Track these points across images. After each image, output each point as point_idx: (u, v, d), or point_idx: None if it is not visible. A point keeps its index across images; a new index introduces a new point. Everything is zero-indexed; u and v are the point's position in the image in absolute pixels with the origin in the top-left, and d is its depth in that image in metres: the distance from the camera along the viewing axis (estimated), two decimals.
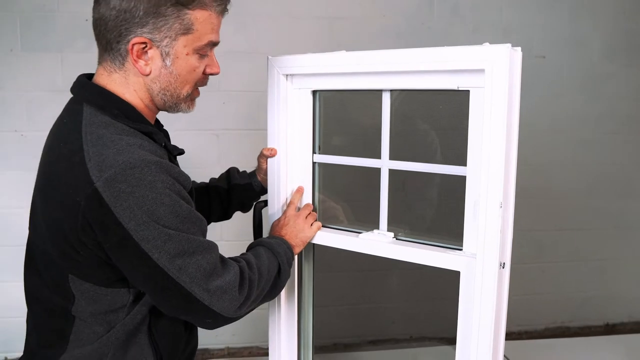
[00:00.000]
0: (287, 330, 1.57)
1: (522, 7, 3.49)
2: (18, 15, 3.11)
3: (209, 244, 1.16)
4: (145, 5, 1.13)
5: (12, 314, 3.31)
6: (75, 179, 1.09)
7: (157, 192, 1.08)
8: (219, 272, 1.15)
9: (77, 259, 1.14)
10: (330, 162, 1.51)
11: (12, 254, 3.24)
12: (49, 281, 1.20)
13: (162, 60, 1.18)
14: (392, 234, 1.40)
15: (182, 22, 1.16)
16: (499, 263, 1.17)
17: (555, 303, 3.78)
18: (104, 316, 1.19)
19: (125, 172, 1.06)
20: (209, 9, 1.19)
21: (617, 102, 3.64)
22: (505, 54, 1.10)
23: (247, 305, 1.22)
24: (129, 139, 1.13)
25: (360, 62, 1.32)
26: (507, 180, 1.16)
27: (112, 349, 1.19)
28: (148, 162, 1.08)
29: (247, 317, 3.62)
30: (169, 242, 1.09)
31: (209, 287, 1.13)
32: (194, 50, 1.20)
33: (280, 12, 3.28)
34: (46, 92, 3.19)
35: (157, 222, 1.07)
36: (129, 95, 1.21)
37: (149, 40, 1.15)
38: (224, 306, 1.15)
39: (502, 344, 1.24)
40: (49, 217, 1.16)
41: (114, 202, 1.05)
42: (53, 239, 1.15)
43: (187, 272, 1.11)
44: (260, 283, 1.26)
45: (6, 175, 3.22)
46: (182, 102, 1.25)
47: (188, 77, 1.22)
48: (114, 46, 1.17)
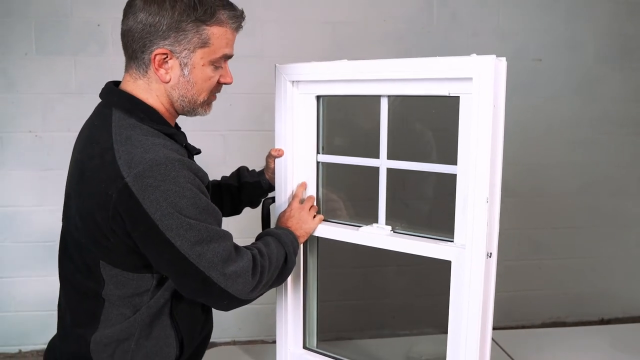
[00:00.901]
0: (293, 317, 1.68)
1: (519, 12, 3.57)
2: (33, 21, 3.21)
3: (224, 233, 1.28)
4: (168, 21, 1.25)
5: (27, 308, 3.43)
6: (107, 174, 1.20)
7: (180, 186, 1.19)
8: (233, 258, 1.27)
9: (107, 247, 1.25)
10: (333, 161, 1.61)
11: (28, 250, 3.37)
12: (81, 267, 1.31)
13: (180, 70, 1.30)
14: (390, 227, 1.51)
15: (200, 37, 1.28)
16: (486, 253, 1.28)
17: (551, 299, 3.86)
18: (130, 299, 1.30)
19: (152, 168, 1.18)
20: (225, 26, 1.31)
21: (611, 104, 3.71)
22: (491, 64, 1.21)
23: (258, 289, 1.33)
24: (154, 140, 1.24)
25: (361, 70, 1.43)
26: (493, 178, 1.27)
27: (138, 329, 1.30)
28: (172, 159, 1.20)
29: (253, 312, 3.75)
30: (190, 231, 1.20)
31: (225, 271, 1.24)
32: (209, 62, 1.32)
33: (285, 18, 3.37)
34: (60, 95, 3.29)
35: (179, 212, 1.19)
36: (152, 100, 1.32)
37: (169, 51, 1.27)
38: (238, 289, 1.26)
39: (490, 327, 1.36)
40: (83, 208, 1.27)
41: (142, 195, 1.17)
42: (86, 228, 1.26)
43: (205, 258, 1.22)
44: (270, 269, 1.37)
45: (21, 174, 3.32)
46: (199, 107, 1.37)
47: (204, 85, 1.34)
48: (138, 55, 1.30)
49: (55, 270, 3.38)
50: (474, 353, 1.33)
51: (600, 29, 3.65)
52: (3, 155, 3.29)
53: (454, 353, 1.38)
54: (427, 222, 1.53)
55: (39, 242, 3.38)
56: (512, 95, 3.51)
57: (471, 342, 1.33)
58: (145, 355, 1.32)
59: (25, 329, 3.46)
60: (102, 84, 3.39)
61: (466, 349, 1.34)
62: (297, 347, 1.69)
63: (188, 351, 1.40)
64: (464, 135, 1.31)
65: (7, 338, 3.45)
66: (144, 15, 1.26)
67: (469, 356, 1.33)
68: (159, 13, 1.25)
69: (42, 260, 3.40)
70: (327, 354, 1.66)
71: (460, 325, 1.35)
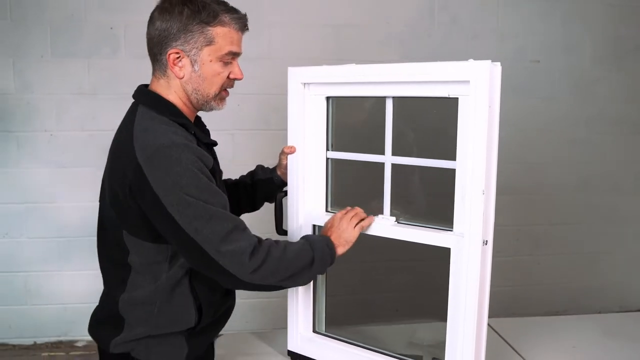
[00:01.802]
0: (304, 303, 1.79)
1: (517, 15, 3.65)
2: (48, 25, 3.30)
3: (226, 215, 1.40)
4: (177, 25, 1.44)
5: (41, 302, 3.52)
6: (127, 157, 1.39)
7: (182, 167, 1.35)
8: (233, 238, 1.37)
9: (128, 219, 1.43)
10: (342, 157, 1.72)
11: (42, 245, 3.47)
12: (112, 238, 1.50)
13: (191, 66, 1.47)
14: (394, 218, 1.62)
15: (206, 37, 1.45)
16: (483, 240, 1.40)
17: (549, 293, 3.93)
18: (151, 267, 1.47)
19: (159, 151, 1.36)
20: (228, 26, 1.47)
21: (607, 104, 3.80)
22: (486, 68, 1.33)
23: (261, 274, 1.40)
24: (167, 127, 1.42)
25: (367, 73, 1.55)
26: (489, 171, 1.39)
27: (160, 295, 1.47)
28: (177, 143, 1.37)
29: (259, 305, 3.85)
30: (188, 208, 1.34)
31: (220, 249, 1.36)
32: (216, 58, 1.48)
33: (291, 21, 3.46)
34: (74, 95, 3.38)
35: (180, 190, 1.34)
36: (171, 96, 1.51)
37: (181, 50, 1.45)
38: (235, 269, 1.38)
39: (486, 309, 1.47)
40: (111, 188, 1.46)
41: (150, 173, 1.34)
42: (113, 204, 1.46)
43: (202, 234, 1.35)
44: (282, 261, 1.44)
45: (36, 172, 3.41)
46: (211, 101, 1.53)
47: (213, 79, 1.50)
48: (158, 58, 1.49)
49: (67, 265, 3.51)
50: (471, 333, 1.44)
51: (595, 32, 3.74)
52: (19, 153, 3.38)
53: (453, 334, 1.49)
54: (428, 213, 1.64)
55: (54, 238, 3.47)
56: (511, 96, 3.64)
57: (469, 322, 1.44)
58: (167, 319, 1.49)
59: (40, 322, 3.54)
60: (114, 85, 3.51)
61: (464, 330, 1.45)
62: (307, 331, 1.80)
63: (207, 320, 1.54)
64: (462, 133, 1.42)
65: (22, 330, 3.53)
66: (159, 23, 1.46)
67: (467, 336, 1.45)
68: (170, 19, 1.44)
69: (56, 256, 3.49)
70: (335, 337, 1.77)
71: (458, 307, 1.46)
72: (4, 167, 3.40)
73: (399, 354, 1.67)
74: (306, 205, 1.75)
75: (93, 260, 3.65)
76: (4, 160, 3.39)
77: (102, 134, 3.38)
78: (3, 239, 3.45)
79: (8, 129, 3.36)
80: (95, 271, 1.65)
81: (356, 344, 1.73)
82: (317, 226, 1.75)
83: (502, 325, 2.09)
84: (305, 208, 1.75)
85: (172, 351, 1.52)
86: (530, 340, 1.98)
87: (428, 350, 1.74)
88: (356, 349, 1.72)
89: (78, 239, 3.48)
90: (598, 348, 1.94)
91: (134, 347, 1.50)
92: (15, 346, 3.54)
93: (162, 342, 1.51)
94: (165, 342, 1.51)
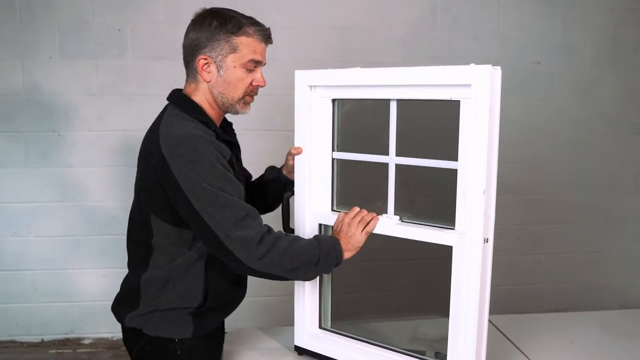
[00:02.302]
0: (310, 300, 1.83)
1: (518, 17, 3.70)
2: (57, 26, 3.35)
3: (239, 203, 1.51)
4: (206, 34, 1.60)
5: (48, 300, 3.57)
6: (154, 147, 1.54)
7: (199, 156, 1.48)
8: (244, 226, 1.48)
9: (155, 203, 1.59)
10: (347, 158, 1.77)
11: (50, 244, 3.52)
12: (139, 222, 1.66)
13: (217, 71, 1.62)
14: (398, 217, 1.67)
15: (231, 45, 1.60)
16: (483, 238, 1.45)
17: (550, 292, 3.97)
18: (172, 248, 1.61)
19: (180, 141, 1.50)
20: (252, 37, 1.62)
21: (605, 105, 3.84)
22: (487, 72, 1.38)
23: (266, 262, 1.49)
24: (189, 123, 1.57)
25: (372, 77, 1.60)
26: (490, 172, 1.44)
27: (175, 273, 1.62)
28: (196, 135, 1.52)
29: (265, 303, 3.88)
30: (204, 194, 1.47)
31: (230, 234, 1.47)
32: (240, 65, 1.62)
33: (296, 23, 3.51)
34: (81, 96, 3.43)
35: (198, 176, 1.47)
36: (198, 97, 1.66)
37: (208, 57, 1.61)
38: (242, 255, 1.47)
39: (487, 305, 1.52)
40: (141, 174, 1.63)
41: (171, 161, 1.49)
42: (142, 188, 1.63)
43: (215, 219, 1.46)
44: (287, 254, 1.51)
45: (44, 171, 3.46)
46: (236, 104, 1.67)
47: (237, 84, 1.63)
48: (190, 65, 1.66)
49: (75, 264, 3.56)
50: (473, 328, 1.49)
51: (595, 34, 3.78)
52: (27, 153, 3.44)
53: (455, 328, 1.54)
54: (431, 212, 1.68)
55: (61, 237, 3.53)
56: (512, 97, 3.70)
57: (471, 317, 1.49)
58: (176, 294, 1.63)
59: (47, 320, 3.59)
60: (121, 86, 3.57)
61: (466, 324, 1.50)
62: (313, 326, 1.85)
63: (211, 303, 1.66)
64: (464, 134, 1.47)
65: (30, 328, 3.58)
66: (192, 34, 1.63)
67: (469, 331, 1.50)
68: (201, 30, 1.61)
69: (63, 254, 3.55)
70: (341, 332, 1.82)
71: (460, 303, 1.51)
72: (13, 166, 3.45)
73: (402, 349, 1.72)
74: (312, 205, 1.80)
75: (100, 258, 3.72)
76: (13, 159, 3.44)
77: (110, 134, 3.45)
78: (11, 238, 3.50)
79: (17, 129, 3.42)
80: (102, 270, 1.74)
81: (361, 339, 1.78)
82: (323, 225, 1.80)
83: (502, 321, 2.14)
84: (311, 207, 1.79)
85: (179, 328, 1.64)
86: (530, 336, 2.02)
87: (431, 345, 1.77)
88: (361, 344, 1.77)
89: (85, 237, 3.53)
90: (596, 344, 1.99)
91: (145, 322, 1.65)
92: (23, 343, 3.59)
93: (169, 319, 1.64)
94: (172, 319, 1.64)
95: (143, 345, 1.67)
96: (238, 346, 1.96)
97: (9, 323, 3.57)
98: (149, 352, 1.68)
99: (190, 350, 1.67)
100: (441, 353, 1.64)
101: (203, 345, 1.70)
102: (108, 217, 3.53)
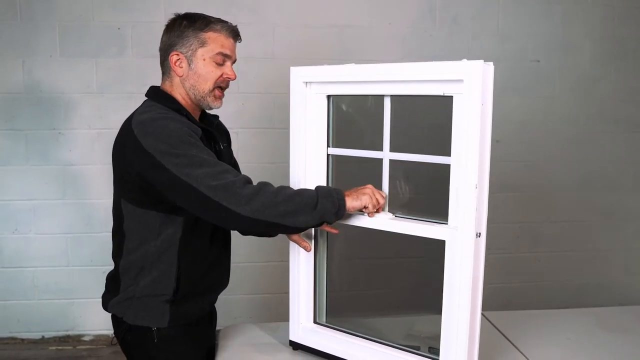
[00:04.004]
0: (305, 295, 1.85)
1: (518, 15, 3.70)
2: (57, 25, 3.38)
3: (217, 162, 1.55)
4: (177, 33, 1.71)
5: (49, 297, 3.60)
6: (126, 132, 1.63)
7: (168, 129, 1.56)
8: (224, 176, 1.52)
9: (125, 186, 1.67)
10: (342, 154, 1.77)
11: (50, 241, 3.54)
12: (115, 210, 1.75)
13: (188, 65, 1.71)
14: (392, 214, 1.68)
15: (199, 40, 1.69)
16: (476, 233, 1.46)
17: (549, 290, 3.97)
18: (140, 232, 1.68)
19: (149, 122, 1.59)
20: (219, 32, 1.71)
21: (605, 104, 3.84)
22: (479, 68, 1.38)
23: (256, 205, 1.49)
24: (160, 110, 1.66)
25: (366, 73, 1.60)
26: (482, 166, 1.44)
27: (149, 260, 1.68)
28: (164, 116, 1.62)
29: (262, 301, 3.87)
30: (178, 158, 1.51)
31: (211, 184, 1.49)
32: (209, 58, 1.70)
33: (295, 22, 3.52)
34: (81, 94, 3.45)
35: (169, 147, 1.52)
36: (173, 91, 1.75)
37: (180, 53, 1.71)
38: (229, 200, 1.48)
39: (480, 298, 1.52)
40: (115, 160, 1.71)
41: (142, 139, 1.55)
42: (115, 173, 1.71)
43: (193, 177, 1.50)
44: (279, 196, 1.51)
45: (45, 169, 3.49)
46: (207, 96, 1.73)
47: (207, 76, 1.71)
48: (164, 63, 1.76)
49: (75, 261, 3.57)
50: (465, 321, 1.50)
51: (594, 33, 3.79)
52: (28, 151, 3.46)
53: (448, 322, 1.55)
54: (424, 208, 1.69)
55: (61, 234, 3.56)
56: (512, 95, 3.69)
57: (463, 311, 1.50)
58: (150, 280, 1.69)
59: (48, 317, 3.62)
60: (121, 84, 3.59)
61: (459, 318, 1.51)
62: (308, 321, 1.86)
63: (185, 290, 1.71)
64: (456, 129, 1.47)
65: (30, 325, 3.61)
66: (165, 37, 1.75)
67: (461, 324, 1.51)
68: (172, 31, 1.73)
69: (63, 251, 3.57)
70: (335, 327, 1.83)
71: (453, 296, 1.52)
72: (13, 164, 3.47)
73: (397, 345, 1.72)
74: None
75: (100, 256, 3.73)
76: (14, 157, 3.47)
77: (109, 132, 3.44)
78: (12, 235, 3.53)
79: (18, 127, 3.44)
80: (102, 267, 1.76)
81: (356, 334, 1.79)
82: None
83: (498, 318, 2.14)
84: None
85: (155, 317, 1.70)
86: (526, 333, 2.02)
87: (426, 342, 1.77)
88: (356, 339, 1.77)
89: (86, 235, 3.55)
90: (592, 340, 1.99)
91: (124, 310, 1.72)
92: (24, 340, 3.62)
93: (146, 307, 1.70)
94: (148, 306, 1.70)
95: (124, 334, 1.75)
96: (233, 341, 1.97)
97: (9, 320, 3.60)
98: (129, 341, 1.76)
99: (168, 340, 1.71)
100: (435, 348, 1.64)
101: (183, 335, 1.75)
102: (108, 215, 3.47)
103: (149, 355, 1.74)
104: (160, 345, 1.71)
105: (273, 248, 3.47)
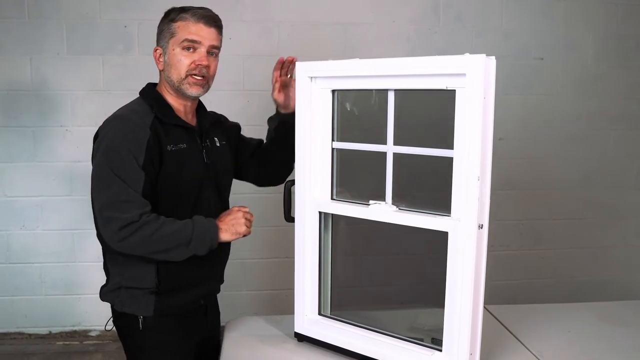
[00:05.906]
0: (310, 287, 1.87)
1: (521, 13, 3.71)
2: (64, 23, 3.40)
3: (126, 190, 1.61)
4: (158, 29, 1.81)
5: (56, 292, 3.63)
6: None
7: (110, 139, 1.64)
8: (119, 209, 1.60)
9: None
10: (346, 147, 1.80)
11: (57, 237, 3.57)
12: None
13: (164, 57, 1.79)
14: (396, 206, 1.70)
15: (170, 31, 1.77)
16: (478, 224, 1.48)
17: (552, 287, 3.98)
18: None
19: (107, 121, 1.71)
20: (186, 20, 1.75)
21: (608, 101, 3.85)
22: (481, 62, 1.41)
23: (127, 245, 1.60)
24: (132, 106, 1.78)
25: (370, 67, 1.64)
26: (484, 159, 1.46)
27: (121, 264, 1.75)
28: (119, 116, 1.72)
29: (268, 297, 3.88)
30: (98, 168, 1.64)
31: (102, 211, 1.61)
32: (178, 46, 1.75)
33: (300, 19, 3.53)
34: (88, 92, 3.47)
35: (102, 156, 1.63)
36: (162, 86, 1.83)
37: (159, 47, 1.80)
38: (106, 234, 1.62)
39: (482, 290, 1.55)
40: None
41: (95, 139, 1.71)
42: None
43: (97, 192, 1.64)
44: (152, 238, 1.61)
45: (52, 166, 3.51)
46: (181, 84, 1.77)
47: (177, 65, 1.76)
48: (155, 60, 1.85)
49: (81, 256, 3.59)
50: (467, 312, 1.52)
51: (597, 30, 3.79)
52: (35, 147, 3.49)
53: (451, 313, 1.57)
54: (427, 200, 1.71)
55: (68, 230, 3.58)
56: (515, 92, 3.70)
57: (465, 302, 1.52)
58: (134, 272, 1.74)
59: (55, 312, 3.64)
60: (127, 82, 3.62)
61: (461, 309, 1.53)
62: (313, 313, 1.89)
63: (168, 283, 1.76)
64: (459, 122, 1.50)
65: (37, 320, 3.64)
66: None
67: (464, 315, 1.53)
68: (158, 28, 1.82)
69: (70, 247, 3.60)
70: (340, 319, 1.86)
71: (455, 287, 1.54)
72: (21, 161, 3.50)
73: (401, 336, 1.75)
74: (313, 193, 1.83)
75: None
76: (21, 154, 3.49)
77: None
78: (19, 231, 3.56)
79: (25, 124, 3.47)
80: None
81: (360, 326, 1.82)
82: (323, 213, 1.84)
83: (501, 311, 2.16)
84: (311, 196, 1.83)
85: (140, 306, 1.75)
86: (528, 326, 2.04)
87: (429, 334, 1.79)
88: (360, 330, 1.80)
89: (92, 231, 3.53)
90: (592, 333, 2.01)
91: (113, 299, 1.78)
92: (31, 335, 3.64)
93: (132, 296, 1.75)
94: (134, 296, 1.75)
95: (115, 321, 1.83)
96: (239, 333, 1.99)
97: (16, 315, 3.62)
98: (119, 327, 1.83)
99: (153, 328, 1.76)
100: (438, 339, 1.66)
101: (171, 325, 1.79)
102: None
103: (136, 343, 1.81)
104: (145, 333, 1.77)
105: (278, 245, 3.50)
